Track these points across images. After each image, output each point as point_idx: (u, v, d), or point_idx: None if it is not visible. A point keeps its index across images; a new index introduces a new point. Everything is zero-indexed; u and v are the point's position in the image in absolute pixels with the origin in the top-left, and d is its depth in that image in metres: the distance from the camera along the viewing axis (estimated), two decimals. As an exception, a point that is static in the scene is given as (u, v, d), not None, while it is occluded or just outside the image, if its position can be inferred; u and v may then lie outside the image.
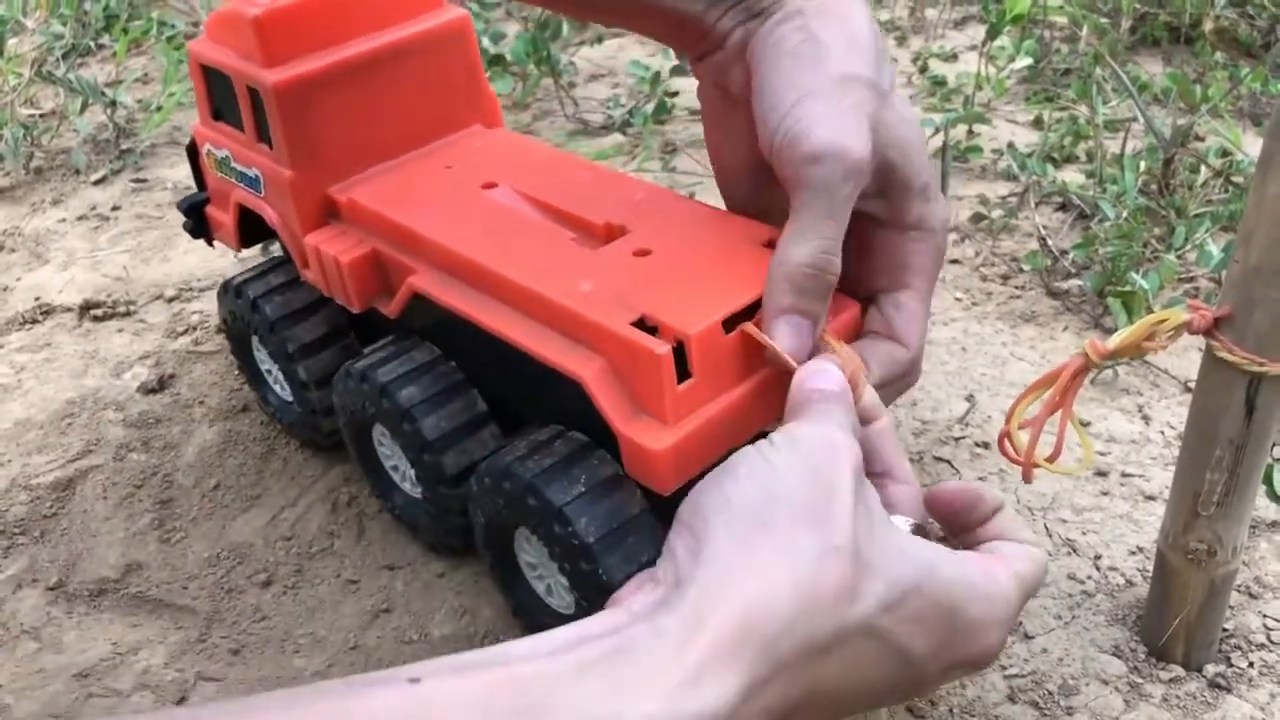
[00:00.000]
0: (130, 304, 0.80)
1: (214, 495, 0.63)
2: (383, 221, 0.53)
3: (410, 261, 0.51)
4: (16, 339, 0.78)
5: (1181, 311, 0.41)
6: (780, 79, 0.43)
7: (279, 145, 0.54)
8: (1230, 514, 0.44)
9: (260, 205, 0.58)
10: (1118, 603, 0.52)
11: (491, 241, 0.49)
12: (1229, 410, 0.42)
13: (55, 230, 0.90)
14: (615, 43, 1.17)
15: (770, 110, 0.43)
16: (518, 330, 0.46)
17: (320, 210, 0.55)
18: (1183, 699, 0.48)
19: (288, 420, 0.64)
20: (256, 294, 0.60)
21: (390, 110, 0.56)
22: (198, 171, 0.63)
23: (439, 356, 0.53)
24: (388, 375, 0.52)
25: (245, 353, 0.65)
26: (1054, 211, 0.83)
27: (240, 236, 0.62)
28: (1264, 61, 0.99)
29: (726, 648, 0.31)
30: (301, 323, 0.59)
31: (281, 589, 0.57)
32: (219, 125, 0.59)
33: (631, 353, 0.42)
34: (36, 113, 1.09)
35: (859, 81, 0.43)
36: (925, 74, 1.06)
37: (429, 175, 0.56)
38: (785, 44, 0.44)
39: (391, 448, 0.55)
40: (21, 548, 0.60)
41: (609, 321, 0.43)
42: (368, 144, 0.56)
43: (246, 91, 0.54)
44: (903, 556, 0.35)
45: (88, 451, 0.66)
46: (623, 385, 0.43)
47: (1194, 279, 0.73)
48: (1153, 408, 0.64)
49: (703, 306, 0.43)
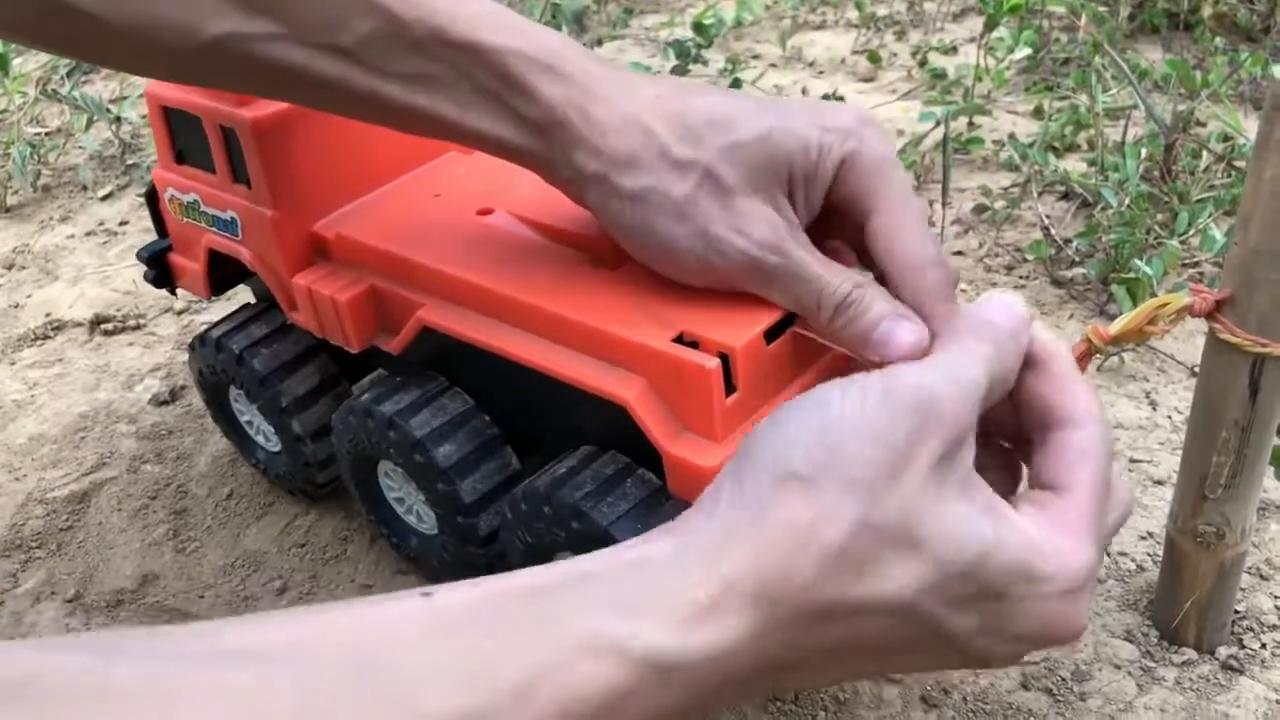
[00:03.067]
0: (140, 317, 0.81)
1: (227, 504, 0.63)
2: (381, 256, 0.51)
3: (415, 295, 0.50)
4: (29, 355, 0.78)
5: (1183, 295, 0.41)
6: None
7: (259, 185, 0.52)
8: (1238, 496, 0.44)
9: (236, 249, 0.55)
10: (1129, 588, 0.52)
11: (503, 268, 0.48)
12: (1233, 392, 0.42)
13: (64, 246, 0.91)
14: (614, 45, 1.17)
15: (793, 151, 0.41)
16: (546, 357, 0.45)
17: (306, 249, 0.53)
18: (1195, 681, 0.48)
19: (276, 472, 0.62)
20: (241, 347, 0.57)
21: (367, 141, 0.54)
22: (158, 218, 0.60)
23: (451, 388, 0.51)
24: (420, 424, 0.50)
25: (221, 406, 0.62)
26: (1057, 201, 0.83)
27: (209, 283, 0.59)
28: (1264, 45, 0.99)
29: (738, 592, 0.31)
30: (294, 374, 0.57)
31: (296, 595, 0.57)
32: (183, 168, 0.56)
33: (676, 370, 0.42)
34: (43, 131, 1.10)
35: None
36: (925, 67, 1.06)
37: (418, 205, 0.54)
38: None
39: (403, 486, 0.54)
40: (39, 561, 0.61)
41: (649, 340, 0.42)
42: (348, 177, 0.54)
43: (219, 131, 0.52)
44: (961, 538, 0.33)
45: (102, 464, 0.67)
46: (665, 404, 0.43)
47: (1198, 264, 0.73)
48: (1159, 393, 0.64)
49: (737, 319, 0.42)
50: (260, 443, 0.62)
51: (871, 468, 0.32)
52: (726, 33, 1.17)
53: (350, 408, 0.53)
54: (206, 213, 0.56)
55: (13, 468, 0.68)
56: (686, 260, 0.42)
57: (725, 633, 0.30)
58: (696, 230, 0.41)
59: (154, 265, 0.61)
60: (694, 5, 1.26)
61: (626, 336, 0.43)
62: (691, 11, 1.23)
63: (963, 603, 0.33)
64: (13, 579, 0.60)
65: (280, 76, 0.42)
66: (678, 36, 1.13)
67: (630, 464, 0.45)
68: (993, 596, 0.34)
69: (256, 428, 0.62)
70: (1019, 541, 0.34)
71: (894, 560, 0.32)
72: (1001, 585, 0.34)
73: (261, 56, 0.41)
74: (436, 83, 0.42)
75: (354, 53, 0.41)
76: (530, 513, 0.46)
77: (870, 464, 0.32)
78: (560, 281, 0.47)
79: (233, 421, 0.63)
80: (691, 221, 0.41)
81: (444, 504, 0.51)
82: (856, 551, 0.32)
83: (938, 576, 0.33)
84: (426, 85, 0.42)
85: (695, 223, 0.41)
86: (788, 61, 1.12)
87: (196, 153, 0.55)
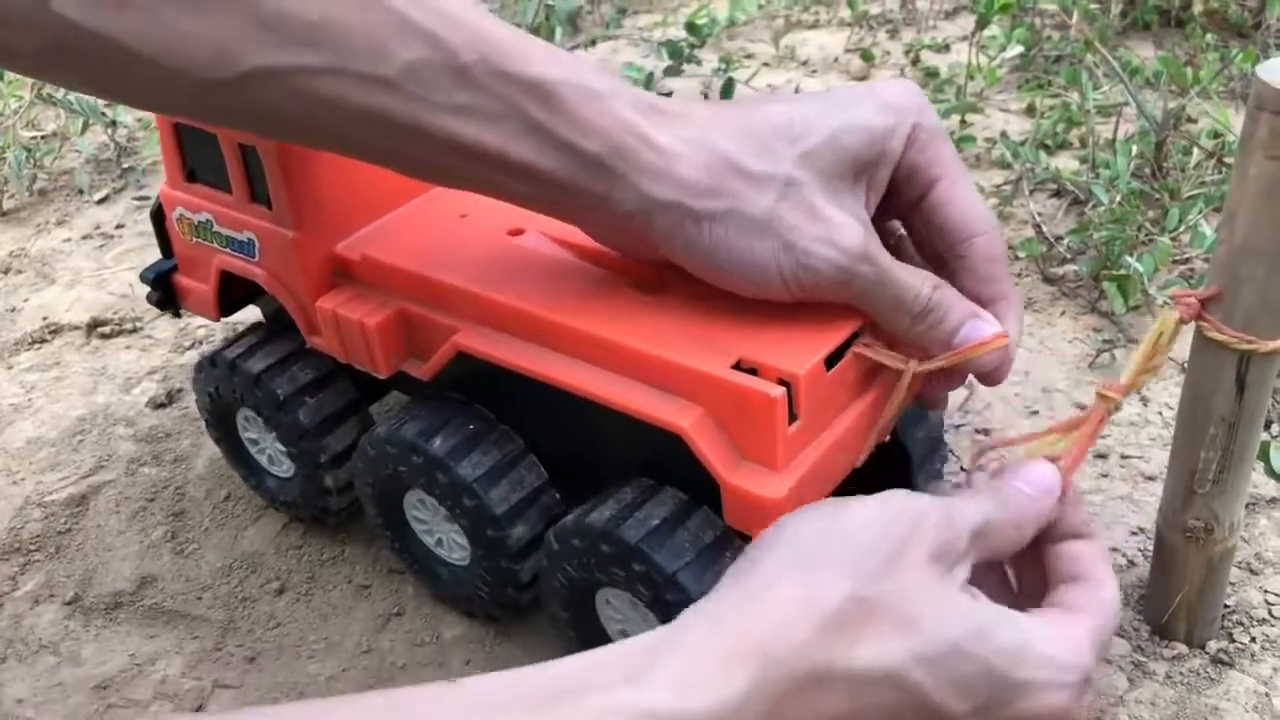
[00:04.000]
0: (137, 320, 0.81)
1: (225, 506, 0.64)
2: (411, 279, 0.49)
3: (448, 319, 0.48)
4: (26, 359, 0.79)
5: (1170, 313, 0.41)
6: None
7: (280, 205, 0.50)
8: (1226, 491, 0.45)
9: (252, 271, 0.54)
10: (1120, 583, 0.52)
11: (541, 291, 0.46)
12: (1220, 388, 0.43)
13: (61, 250, 0.91)
14: (608, 45, 1.18)
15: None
16: (595, 383, 0.43)
17: (328, 271, 0.52)
18: (1186, 675, 0.48)
19: (286, 499, 0.60)
20: (259, 369, 0.55)
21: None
22: (163, 238, 0.58)
23: (499, 426, 0.50)
24: (473, 466, 0.49)
25: (227, 428, 0.60)
26: (1048, 198, 0.84)
27: (219, 305, 0.57)
28: (1254, 41, 1.00)
29: (739, 650, 0.33)
30: (315, 398, 0.55)
31: (294, 596, 0.58)
32: (195, 187, 0.54)
33: (737, 398, 0.40)
34: (38, 135, 1.10)
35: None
36: (918, 65, 1.06)
37: (445, 225, 0.52)
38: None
39: (432, 516, 0.52)
40: (38, 564, 0.61)
41: (707, 367, 0.41)
42: (370, 197, 0.53)
43: (237, 150, 0.51)
44: (954, 616, 0.35)
45: (100, 467, 0.67)
46: (724, 433, 0.41)
47: (1189, 260, 0.74)
48: (1151, 389, 0.65)
49: (796, 344, 0.41)
50: (266, 467, 0.60)
51: (870, 553, 0.35)
52: (719, 32, 1.17)
53: (388, 439, 0.50)
54: (220, 233, 0.54)
55: (11, 471, 0.68)
56: (772, 278, 0.41)
57: (726, 690, 0.32)
58: (783, 245, 0.40)
59: (157, 287, 0.59)
60: (687, 5, 1.26)
61: (683, 363, 0.41)
62: (685, 11, 1.23)
63: (957, 680, 0.35)
64: (12, 582, 0.60)
65: (313, 114, 0.39)
66: (670, 36, 1.14)
67: (690, 501, 0.44)
68: (997, 676, 0.35)
69: (265, 452, 0.60)
70: (1021, 626, 0.36)
71: (889, 633, 0.34)
72: (1001, 667, 0.35)
73: (300, 90, 0.39)
74: (482, 114, 0.39)
75: (397, 83, 0.39)
76: (584, 548, 0.44)
77: (868, 550, 0.35)
78: (604, 305, 0.45)
79: (236, 444, 0.61)
80: (777, 237, 0.40)
81: (491, 547, 0.49)
82: (852, 619, 0.34)
83: (932, 650, 0.34)
84: (472, 116, 0.39)
85: (781, 238, 0.40)
86: (781, 61, 1.12)
87: (210, 171, 0.53)
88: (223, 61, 0.38)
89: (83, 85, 0.43)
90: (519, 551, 0.49)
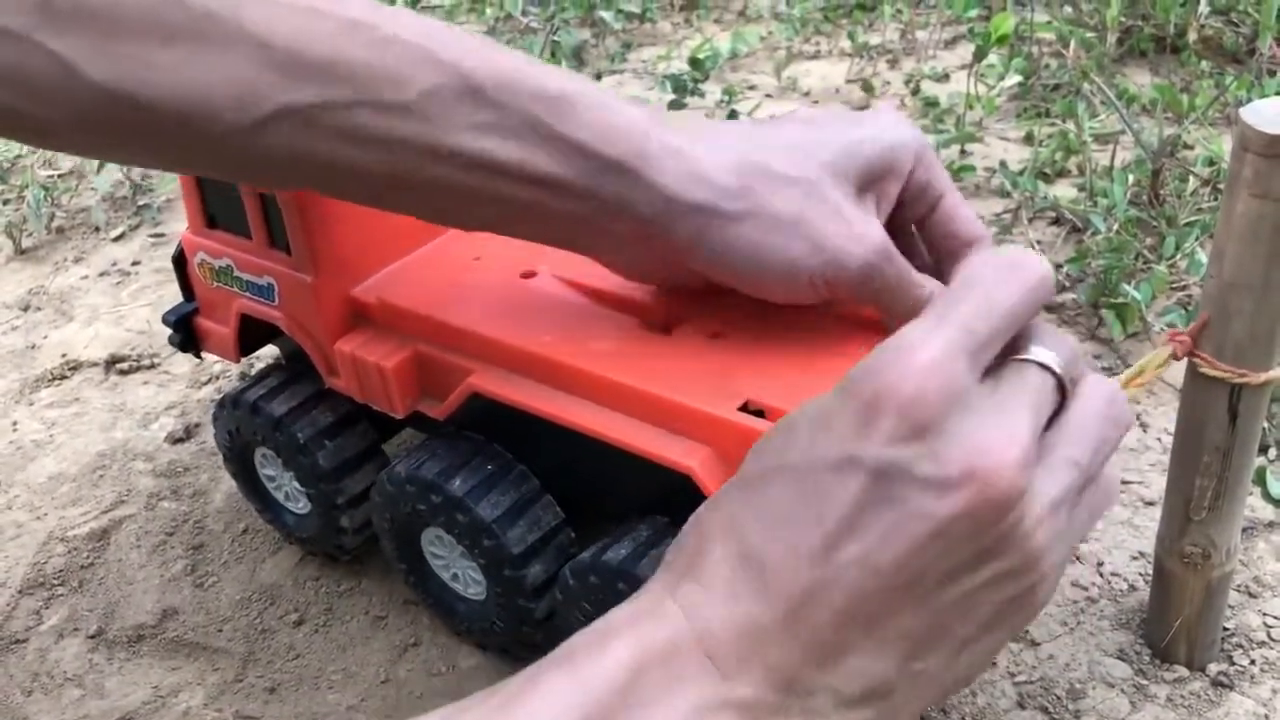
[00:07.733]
0: (154, 356, 0.82)
1: (243, 539, 0.65)
2: (425, 322, 0.51)
3: (464, 361, 0.49)
4: (46, 395, 0.80)
5: (1163, 350, 0.43)
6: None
7: (300, 251, 0.52)
8: (1221, 518, 0.46)
9: (272, 314, 0.55)
10: (1121, 607, 0.54)
11: (553, 333, 0.48)
12: (1213, 419, 0.44)
13: (78, 287, 0.93)
14: (612, 79, 1.20)
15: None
16: (605, 424, 0.44)
17: (345, 314, 0.53)
18: (1187, 698, 0.49)
19: (302, 534, 0.61)
20: (280, 412, 0.56)
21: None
22: (185, 281, 0.60)
23: (517, 467, 0.51)
24: (491, 506, 0.50)
25: (244, 466, 0.62)
26: (1048, 226, 0.85)
27: (239, 347, 0.59)
28: (1249, 68, 1.01)
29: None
30: (334, 440, 0.57)
31: (313, 628, 0.59)
32: (216, 233, 0.56)
33: (745, 441, 0.40)
34: (55, 173, 1.12)
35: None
36: (917, 95, 1.08)
37: (459, 269, 0.53)
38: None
39: (449, 552, 0.53)
40: (61, 598, 0.63)
41: (715, 409, 0.42)
42: (385, 241, 0.54)
43: (257, 197, 0.52)
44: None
45: (120, 502, 0.69)
46: (731, 473, 0.42)
47: (1185, 287, 0.75)
48: (1150, 415, 0.66)
49: (802, 387, 0.42)
50: (283, 503, 0.62)
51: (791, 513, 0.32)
52: (723, 64, 1.19)
53: (408, 478, 0.51)
54: (240, 278, 0.56)
55: (34, 506, 0.69)
56: (799, 277, 0.42)
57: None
58: (813, 246, 0.42)
59: (179, 329, 0.61)
60: (691, 37, 1.28)
61: (691, 405, 0.42)
62: (689, 44, 1.25)
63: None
64: (37, 616, 0.62)
65: (335, 151, 0.40)
66: (675, 70, 1.16)
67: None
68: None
69: (282, 489, 0.61)
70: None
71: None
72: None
73: (321, 125, 0.39)
74: (501, 129, 0.40)
75: (416, 108, 0.40)
76: (600, 585, 0.45)
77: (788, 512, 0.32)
78: (615, 346, 0.46)
79: (254, 480, 0.62)
80: (805, 237, 0.42)
81: (507, 585, 0.50)
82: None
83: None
84: (491, 131, 0.40)
85: (810, 238, 0.42)
86: (783, 91, 1.14)
87: (231, 217, 0.55)
88: (244, 106, 0.38)
89: (110, 151, 0.44)
90: (535, 590, 0.50)
